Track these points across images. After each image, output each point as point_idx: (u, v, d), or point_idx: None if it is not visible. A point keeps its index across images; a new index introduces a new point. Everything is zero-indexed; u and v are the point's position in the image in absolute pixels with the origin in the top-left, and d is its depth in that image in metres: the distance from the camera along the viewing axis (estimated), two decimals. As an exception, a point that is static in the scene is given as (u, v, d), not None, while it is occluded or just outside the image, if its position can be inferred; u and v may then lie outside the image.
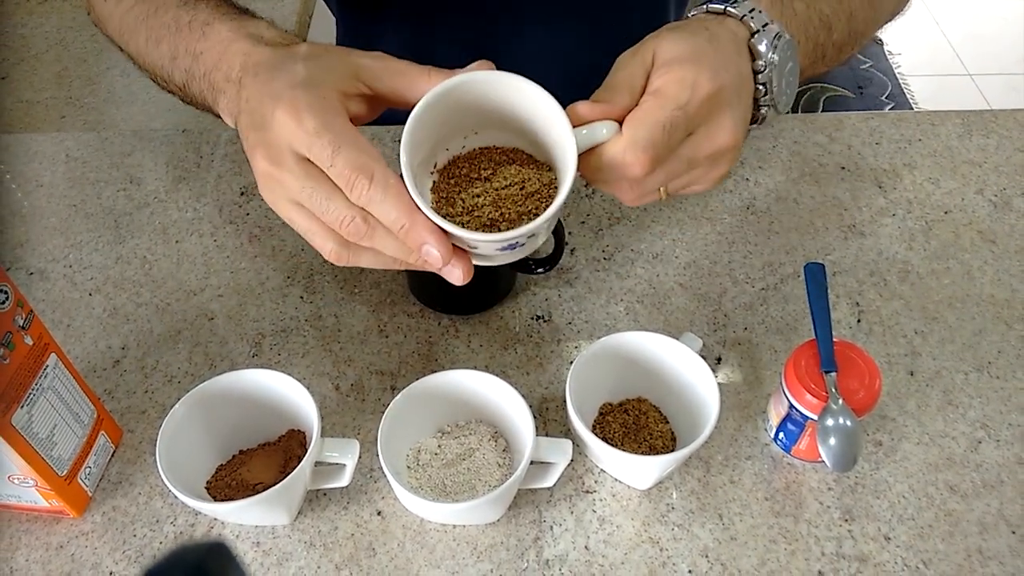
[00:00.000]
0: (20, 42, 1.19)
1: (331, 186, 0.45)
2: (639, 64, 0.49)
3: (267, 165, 0.46)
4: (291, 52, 0.48)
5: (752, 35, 0.52)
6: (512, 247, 0.49)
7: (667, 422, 0.61)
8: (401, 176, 0.46)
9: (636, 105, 0.48)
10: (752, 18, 0.52)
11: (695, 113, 0.48)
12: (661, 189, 0.51)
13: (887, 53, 2.57)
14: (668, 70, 0.48)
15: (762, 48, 0.52)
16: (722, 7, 0.53)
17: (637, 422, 0.60)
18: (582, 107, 0.48)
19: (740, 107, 0.51)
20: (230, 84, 0.50)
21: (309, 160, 0.45)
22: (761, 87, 0.53)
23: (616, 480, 0.59)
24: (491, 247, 0.48)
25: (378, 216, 0.45)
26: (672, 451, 0.57)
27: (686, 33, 0.50)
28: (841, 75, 2.39)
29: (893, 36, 2.59)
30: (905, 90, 2.46)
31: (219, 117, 0.55)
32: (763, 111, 0.54)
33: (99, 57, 1.16)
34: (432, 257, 0.46)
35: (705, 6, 0.54)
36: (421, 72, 0.48)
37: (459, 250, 0.48)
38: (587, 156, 0.49)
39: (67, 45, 1.19)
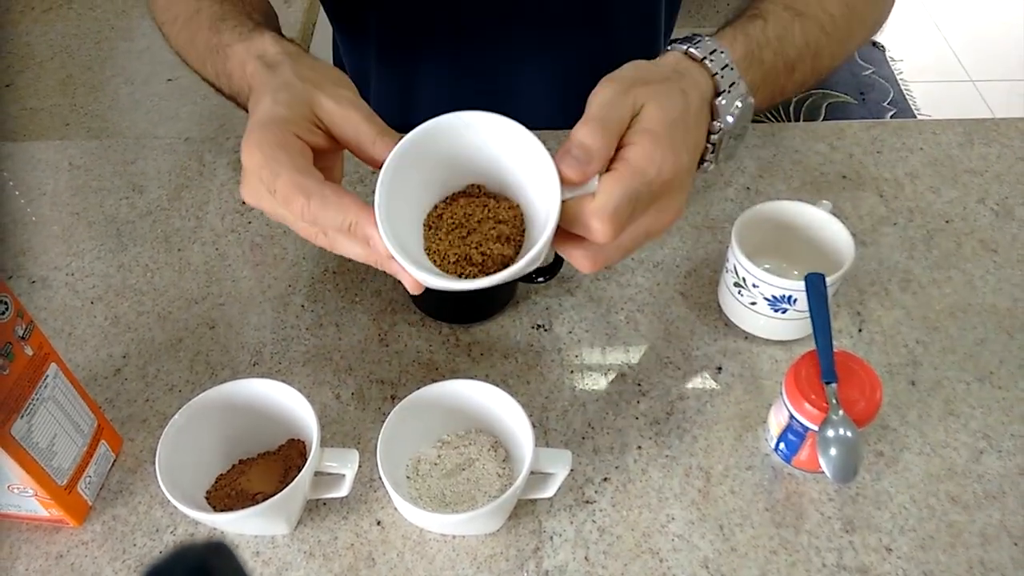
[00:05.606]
0: (25, 50, 1.19)
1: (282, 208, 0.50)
2: (627, 110, 0.49)
3: (242, 187, 0.52)
4: (271, 81, 0.53)
5: (718, 94, 0.54)
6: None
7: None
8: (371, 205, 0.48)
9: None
10: (723, 76, 0.54)
11: (655, 192, 0.49)
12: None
13: (889, 59, 2.56)
14: (643, 141, 0.48)
15: (722, 110, 0.54)
16: (701, 55, 0.54)
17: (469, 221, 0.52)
18: (571, 172, 0.47)
19: (688, 184, 0.52)
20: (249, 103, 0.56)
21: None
22: (710, 146, 0.55)
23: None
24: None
25: (325, 224, 0.48)
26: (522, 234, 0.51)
27: (667, 98, 0.50)
28: (843, 81, 2.38)
29: (895, 42, 2.59)
30: (907, 96, 2.46)
31: None
32: (705, 165, 0.56)
33: (103, 65, 1.16)
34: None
35: (686, 47, 0.55)
36: (370, 134, 0.50)
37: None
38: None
39: (72, 53, 1.20)
